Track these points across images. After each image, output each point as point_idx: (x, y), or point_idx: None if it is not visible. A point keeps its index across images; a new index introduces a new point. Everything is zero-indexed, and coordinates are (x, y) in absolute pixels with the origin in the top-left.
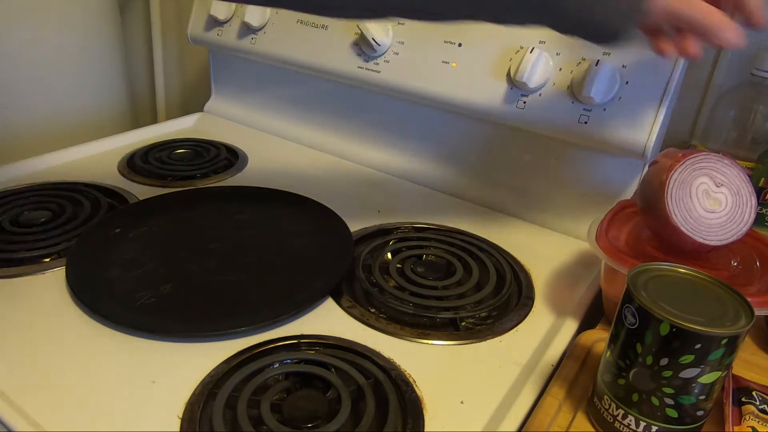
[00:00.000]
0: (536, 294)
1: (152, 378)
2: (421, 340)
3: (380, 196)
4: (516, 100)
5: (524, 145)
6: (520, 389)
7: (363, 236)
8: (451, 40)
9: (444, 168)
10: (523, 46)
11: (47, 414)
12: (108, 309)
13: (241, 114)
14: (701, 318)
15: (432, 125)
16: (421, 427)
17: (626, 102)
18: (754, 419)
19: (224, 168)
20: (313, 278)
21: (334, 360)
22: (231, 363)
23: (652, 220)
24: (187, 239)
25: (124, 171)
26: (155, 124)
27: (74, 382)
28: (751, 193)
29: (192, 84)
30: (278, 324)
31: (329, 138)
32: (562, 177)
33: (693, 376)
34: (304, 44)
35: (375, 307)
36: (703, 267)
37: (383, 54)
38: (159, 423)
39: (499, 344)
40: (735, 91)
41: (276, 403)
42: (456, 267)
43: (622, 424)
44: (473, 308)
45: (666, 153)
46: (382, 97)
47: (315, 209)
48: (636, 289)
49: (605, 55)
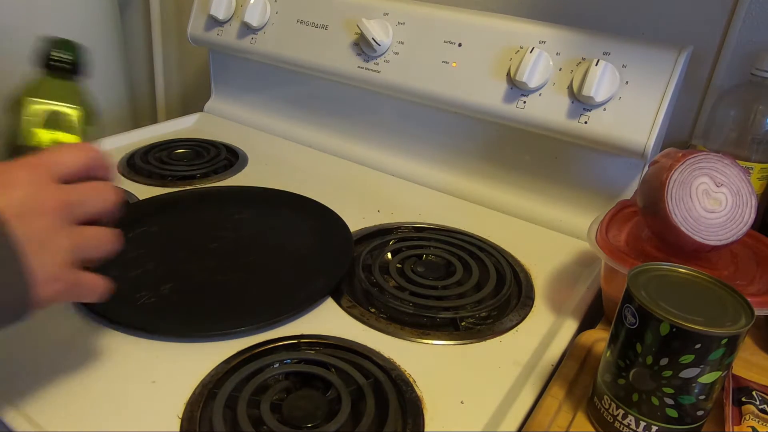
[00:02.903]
0: (536, 294)
1: (152, 378)
2: (421, 340)
3: (380, 196)
4: (516, 100)
5: (524, 145)
6: (520, 389)
7: (363, 236)
8: (451, 40)
9: (444, 168)
10: (523, 46)
11: (47, 414)
12: (108, 309)
13: (241, 114)
14: (701, 318)
15: (432, 125)
16: (421, 427)
17: (626, 102)
18: (754, 419)
19: (224, 168)
20: (313, 278)
21: (334, 360)
22: (231, 363)
23: (652, 220)
24: (186, 239)
25: (124, 171)
26: (155, 124)
27: (74, 382)
28: (751, 193)
29: (192, 84)
30: (278, 324)
31: (329, 138)
32: (562, 177)
33: (693, 376)
34: (304, 44)
35: (375, 307)
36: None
37: (383, 54)
38: (159, 423)
39: (499, 344)
40: (735, 91)
41: (276, 403)
42: (456, 267)
43: (622, 424)
44: (473, 308)
45: (666, 153)
46: (382, 97)
47: (315, 209)
48: (636, 289)
49: (605, 54)
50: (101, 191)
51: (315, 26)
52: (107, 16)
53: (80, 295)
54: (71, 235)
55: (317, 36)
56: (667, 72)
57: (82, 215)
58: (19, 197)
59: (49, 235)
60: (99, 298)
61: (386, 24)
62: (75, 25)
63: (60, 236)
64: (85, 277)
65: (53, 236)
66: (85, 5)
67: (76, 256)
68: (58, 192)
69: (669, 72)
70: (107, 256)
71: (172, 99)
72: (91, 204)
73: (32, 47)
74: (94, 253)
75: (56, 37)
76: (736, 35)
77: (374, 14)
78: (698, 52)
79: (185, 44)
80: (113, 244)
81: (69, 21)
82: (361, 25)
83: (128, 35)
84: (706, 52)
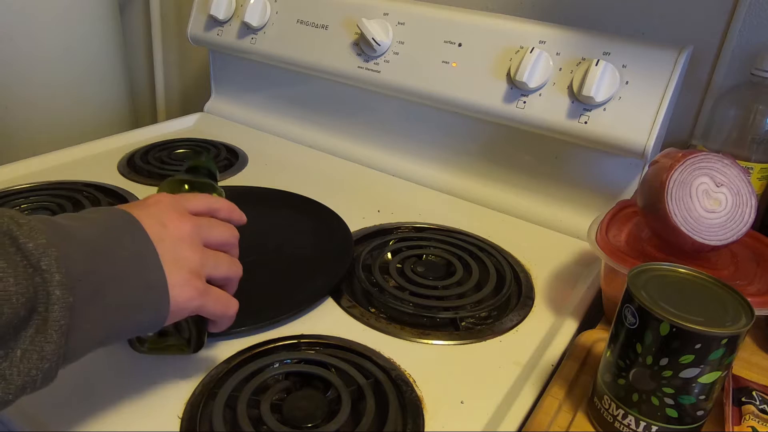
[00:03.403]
0: (536, 294)
1: (152, 378)
2: (421, 340)
3: (380, 196)
4: (516, 100)
5: (524, 144)
6: (520, 389)
7: (363, 236)
8: (451, 40)
9: (444, 168)
10: (523, 46)
11: (47, 414)
12: None
13: (241, 114)
14: (701, 318)
15: (432, 125)
16: (421, 427)
17: (626, 102)
18: (754, 419)
19: (224, 168)
20: (313, 278)
21: (334, 360)
22: (231, 363)
23: (652, 220)
24: None
25: (124, 171)
26: (155, 124)
27: (74, 382)
28: (751, 193)
29: (192, 84)
30: (278, 324)
31: (329, 138)
32: (562, 177)
33: (693, 376)
34: (304, 44)
35: (375, 307)
36: (703, 267)
37: (383, 54)
38: (159, 423)
39: (499, 344)
40: (735, 91)
41: (276, 403)
42: (456, 267)
43: (622, 424)
44: (473, 308)
45: (666, 153)
46: (382, 97)
47: (315, 209)
48: (636, 289)
49: (605, 54)
50: (225, 226)
51: (315, 26)
52: (107, 16)
53: (211, 307)
54: (199, 251)
55: (317, 36)
56: (667, 72)
57: (208, 240)
58: (156, 212)
59: (182, 247)
60: (229, 315)
61: (386, 24)
62: (75, 25)
63: (190, 251)
64: (214, 289)
65: (185, 249)
66: (85, 5)
67: (203, 271)
68: (189, 216)
69: (669, 72)
70: (232, 276)
71: (172, 99)
72: (217, 233)
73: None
74: (218, 271)
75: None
76: (736, 35)
77: (374, 14)
78: (698, 52)
79: (185, 44)
80: (236, 266)
81: (69, 21)
82: (361, 25)
83: (128, 35)
84: (706, 52)
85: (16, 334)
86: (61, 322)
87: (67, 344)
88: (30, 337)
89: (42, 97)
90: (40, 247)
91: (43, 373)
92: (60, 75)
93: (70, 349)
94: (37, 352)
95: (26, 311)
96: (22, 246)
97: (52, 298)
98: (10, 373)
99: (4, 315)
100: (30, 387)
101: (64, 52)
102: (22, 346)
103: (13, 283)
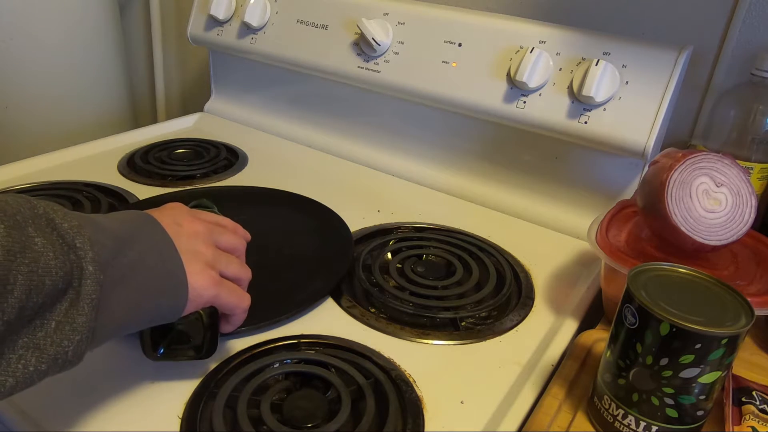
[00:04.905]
0: (536, 294)
1: (152, 378)
2: (421, 340)
3: (380, 196)
4: (516, 100)
5: (524, 145)
6: (520, 389)
7: (363, 236)
8: (451, 40)
9: (444, 168)
10: (523, 46)
11: (47, 414)
12: None
13: (241, 114)
14: (701, 318)
15: (432, 125)
16: (421, 427)
17: (626, 102)
18: (754, 419)
19: (224, 168)
20: (313, 278)
21: (334, 360)
22: (231, 363)
23: (652, 220)
24: None
25: (124, 171)
26: (155, 124)
27: (74, 382)
28: (751, 193)
29: (192, 84)
30: (278, 324)
31: (329, 138)
32: (562, 177)
33: (693, 376)
34: (304, 44)
35: (375, 307)
36: (703, 267)
37: (383, 54)
38: (159, 423)
39: (499, 344)
40: (735, 91)
41: (276, 403)
42: (456, 267)
43: (622, 424)
44: (473, 308)
45: (666, 153)
46: (382, 97)
47: (315, 209)
48: (636, 289)
49: (605, 54)
50: (234, 234)
51: (315, 26)
52: (107, 16)
53: (225, 297)
54: (212, 248)
55: (317, 36)
56: (667, 72)
57: (218, 243)
58: (172, 214)
59: (196, 242)
60: (243, 307)
61: (386, 24)
62: (75, 25)
63: (204, 246)
64: (228, 282)
65: (199, 244)
66: (85, 5)
67: (217, 266)
68: (202, 220)
69: (669, 72)
70: (242, 277)
71: (172, 99)
72: (226, 238)
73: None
74: (230, 269)
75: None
76: (736, 35)
77: (374, 14)
78: (698, 52)
79: (185, 44)
80: (246, 269)
81: (69, 21)
82: (361, 25)
83: (128, 35)
84: (706, 52)
85: (52, 306)
86: (93, 296)
87: (97, 320)
88: (65, 309)
89: (42, 97)
90: (75, 228)
91: (74, 345)
92: (60, 75)
93: (99, 325)
94: (70, 323)
95: (64, 284)
96: (58, 226)
97: (86, 273)
98: (44, 343)
99: (45, 286)
100: (61, 359)
101: (64, 52)
102: (57, 318)
103: (53, 257)
